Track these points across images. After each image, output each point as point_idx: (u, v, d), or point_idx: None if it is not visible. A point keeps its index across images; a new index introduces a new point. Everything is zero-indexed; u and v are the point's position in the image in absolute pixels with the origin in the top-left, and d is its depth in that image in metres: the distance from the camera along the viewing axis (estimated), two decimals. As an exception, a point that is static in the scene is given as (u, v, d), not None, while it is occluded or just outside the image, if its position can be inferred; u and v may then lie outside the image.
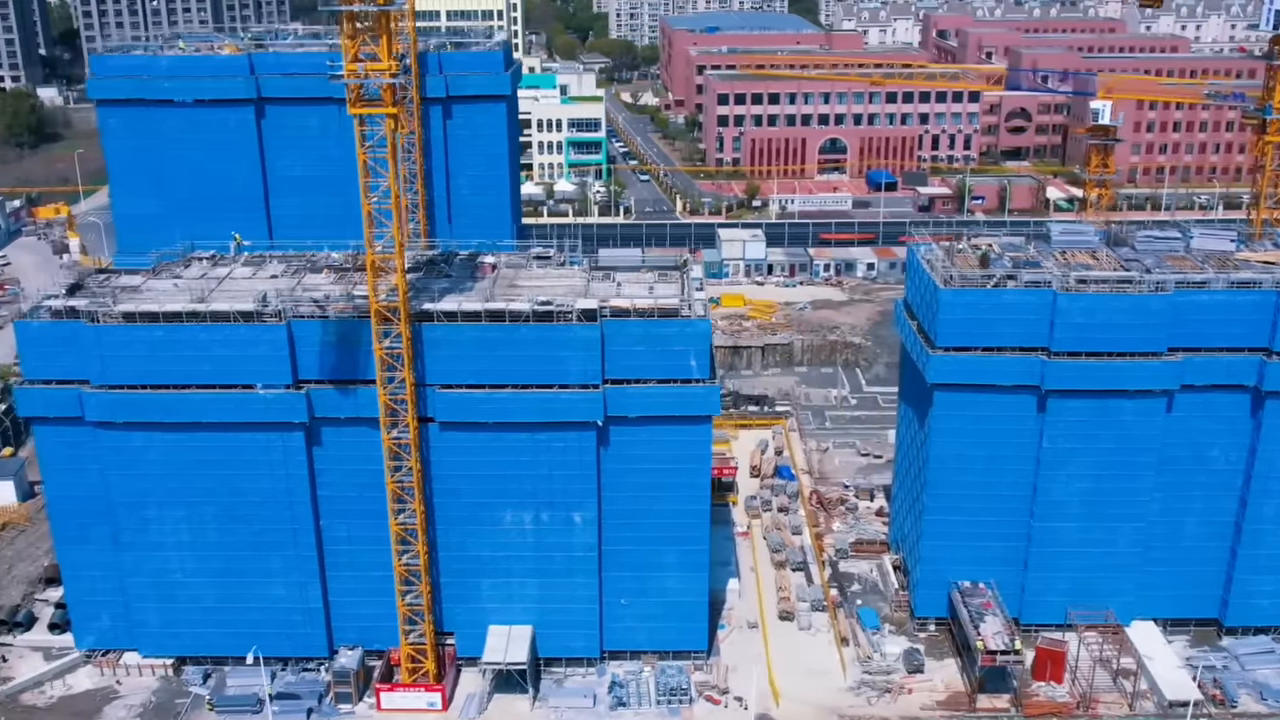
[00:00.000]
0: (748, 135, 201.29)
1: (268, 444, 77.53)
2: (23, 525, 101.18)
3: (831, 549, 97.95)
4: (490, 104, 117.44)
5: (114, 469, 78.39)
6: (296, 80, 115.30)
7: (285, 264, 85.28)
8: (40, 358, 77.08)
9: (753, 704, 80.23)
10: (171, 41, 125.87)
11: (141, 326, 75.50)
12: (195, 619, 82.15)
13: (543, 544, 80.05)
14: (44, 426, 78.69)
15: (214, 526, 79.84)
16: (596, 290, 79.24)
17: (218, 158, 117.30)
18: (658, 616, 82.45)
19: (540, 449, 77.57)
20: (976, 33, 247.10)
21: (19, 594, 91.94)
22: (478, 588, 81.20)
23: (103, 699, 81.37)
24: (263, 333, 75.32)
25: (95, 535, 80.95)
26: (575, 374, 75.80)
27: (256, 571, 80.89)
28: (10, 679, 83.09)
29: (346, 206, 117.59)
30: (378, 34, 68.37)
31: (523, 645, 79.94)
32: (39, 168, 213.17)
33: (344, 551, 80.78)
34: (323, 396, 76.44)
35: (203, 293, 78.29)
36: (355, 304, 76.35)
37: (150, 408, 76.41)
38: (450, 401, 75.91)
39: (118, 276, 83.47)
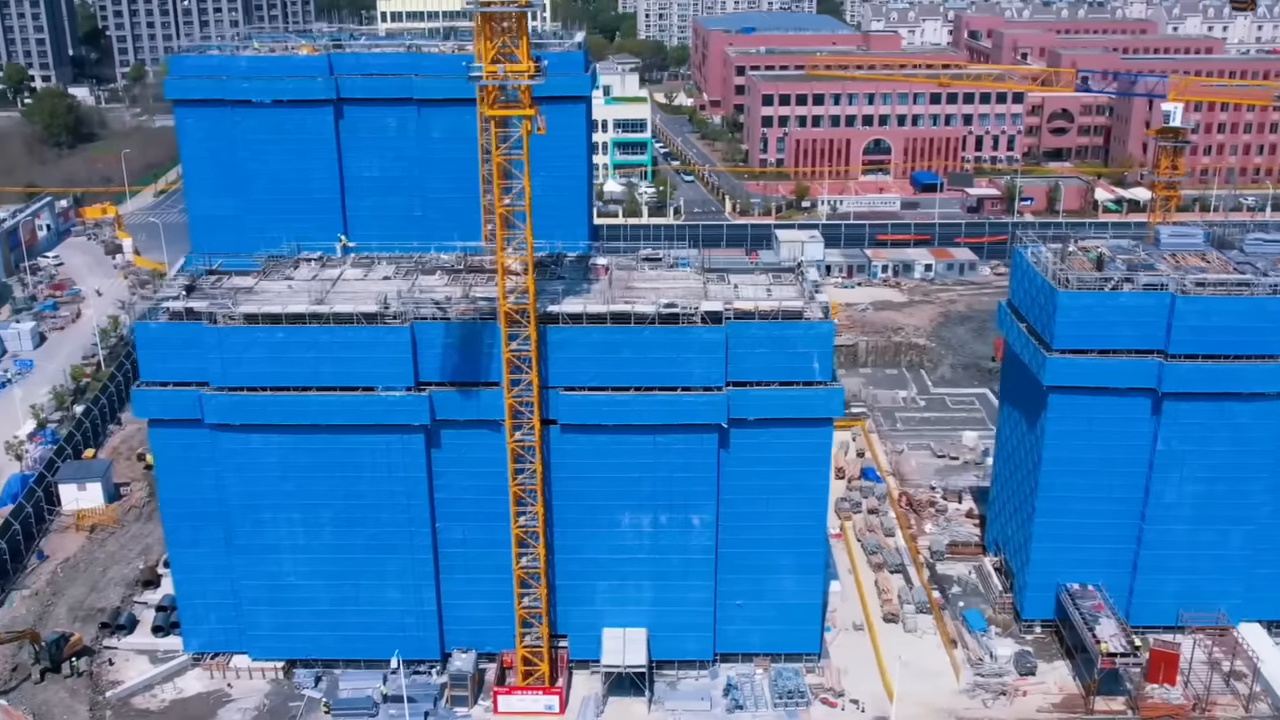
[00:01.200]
0: (792, 136, 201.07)
1: (387, 446, 77.17)
2: (112, 527, 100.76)
3: (926, 551, 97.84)
4: (569, 104, 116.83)
5: (230, 471, 78.05)
6: (375, 81, 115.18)
7: (395, 265, 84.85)
8: (159, 359, 76.67)
9: (869, 706, 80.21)
10: (245, 41, 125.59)
11: (262, 328, 75.16)
12: (307, 622, 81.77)
13: (660, 546, 79.74)
14: (160, 429, 78.35)
15: (329, 529, 79.52)
16: (714, 292, 78.95)
17: (295, 158, 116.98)
18: (771, 619, 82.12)
19: (661, 451, 77.24)
20: (1011, 34, 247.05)
21: (118, 596, 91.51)
22: (593, 590, 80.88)
23: (216, 702, 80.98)
24: (386, 334, 74.99)
25: (207, 538, 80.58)
26: (699, 376, 75.49)
27: (370, 574, 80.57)
28: (120, 682, 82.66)
29: (423, 207, 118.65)
30: (517, 35, 67.90)
31: (640, 648, 79.71)
32: (79, 167, 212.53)
33: (458, 554, 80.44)
34: (444, 399, 76.08)
35: (321, 294, 78.02)
36: (477, 306, 76.13)
37: (270, 410, 76.07)
38: (574, 404, 75.59)
39: (228, 277, 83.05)
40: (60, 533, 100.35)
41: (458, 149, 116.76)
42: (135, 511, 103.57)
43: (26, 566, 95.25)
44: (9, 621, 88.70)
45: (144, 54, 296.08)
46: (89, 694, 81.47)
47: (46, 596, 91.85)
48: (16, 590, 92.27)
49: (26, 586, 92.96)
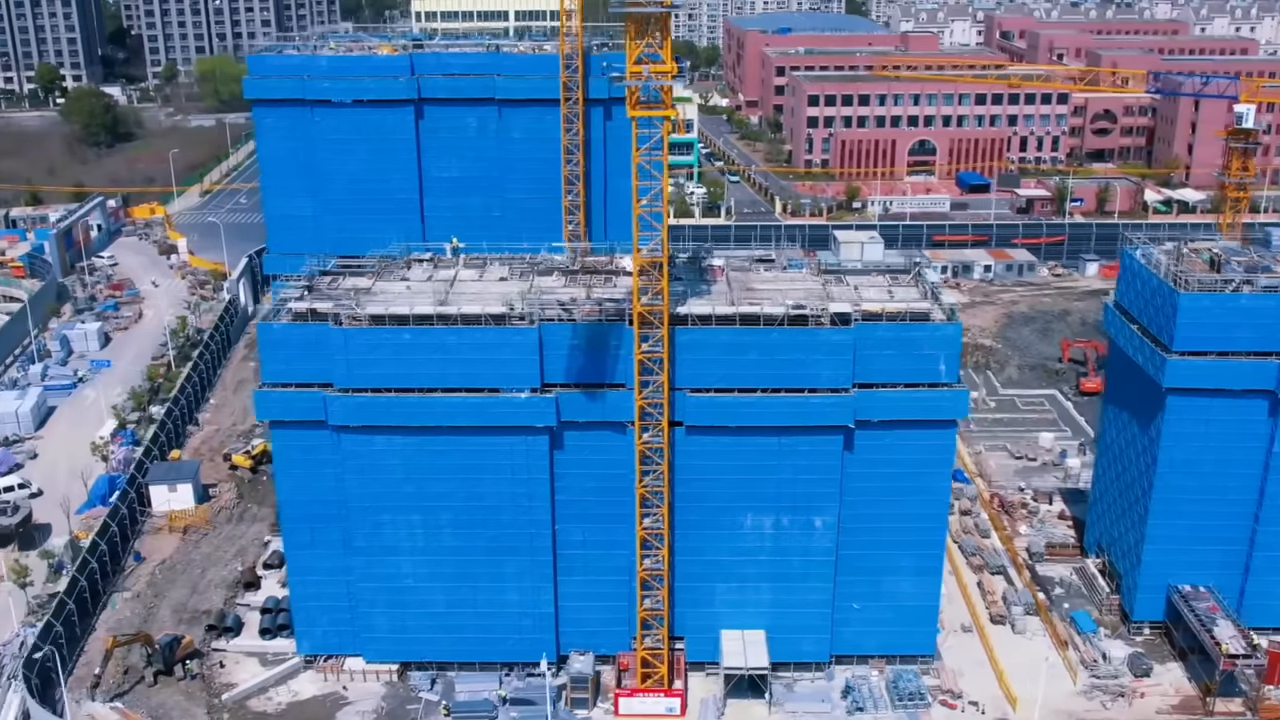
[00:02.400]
0: (837, 136, 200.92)
1: (511, 448, 76.86)
2: (205, 529, 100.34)
3: (1024, 552, 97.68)
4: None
5: (352, 473, 77.68)
6: (457, 81, 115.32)
7: (508, 266, 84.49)
8: (282, 361, 76.33)
9: (989, 708, 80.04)
10: (321, 41, 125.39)
11: (388, 329, 74.86)
12: (423, 624, 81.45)
13: (780, 548, 79.44)
14: (282, 430, 78.03)
15: (449, 531, 79.20)
16: (836, 294, 78.72)
17: (374, 158, 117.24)
18: (888, 620, 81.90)
19: (786, 453, 76.97)
20: (1047, 34, 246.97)
21: (219, 598, 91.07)
22: (711, 592, 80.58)
23: (333, 705, 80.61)
24: (513, 336, 74.71)
25: (325, 540, 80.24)
26: (826, 378, 75.21)
27: (489, 576, 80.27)
28: (233, 685, 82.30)
29: (501, 207, 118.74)
30: (661, 36, 67.57)
31: (762, 649, 79.48)
32: (120, 167, 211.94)
33: (577, 556, 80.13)
34: (569, 400, 75.78)
35: (443, 296, 77.72)
36: (603, 307, 75.86)
37: (395, 411, 75.76)
38: (701, 405, 75.29)
39: (343, 278, 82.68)
40: (153, 534, 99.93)
41: (538, 149, 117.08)
42: (226, 513, 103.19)
43: (124, 568, 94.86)
44: (114, 624, 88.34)
45: (174, 53, 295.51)
46: (204, 697, 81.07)
47: (148, 599, 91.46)
48: (118, 593, 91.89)
49: (127, 588, 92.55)
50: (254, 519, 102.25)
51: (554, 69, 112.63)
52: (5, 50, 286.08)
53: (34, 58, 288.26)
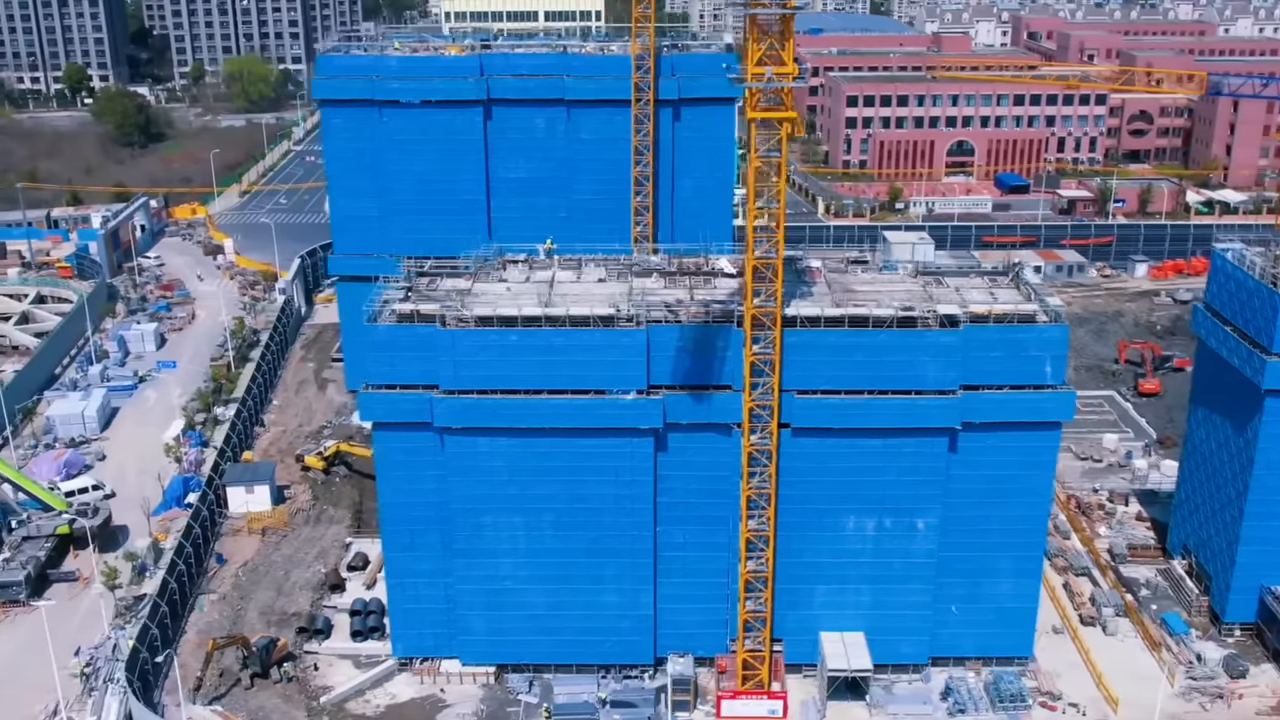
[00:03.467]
0: (876, 137, 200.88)
1: (615, 450, 76.69)
2: (284, 530, 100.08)
3: (1105, 554, 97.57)
4: (720, 106, 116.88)
5: (455, 475, 77.52)
6: (526, 81, 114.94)
7: (603, 267, 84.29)
8: (388, 362, 76.07)
9: (1090, 710, 79.94)
10: (385, 41, 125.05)
11: (495, 331, 74.74)
12: (521, 626, 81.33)
13: (881, 550, 79.36)
14: (384, 431, 77.81)
15: (550, 533, 79.05)
16: (937, 295, 78.59)
17: (442, 159, 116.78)
18: (986, 622, 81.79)
19: (891, 455, 76.88)
20: (1078, 35, 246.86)
21: (306, 600, 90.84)
22: (811, 594, 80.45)
23: (432, 707, 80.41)
24: (621, 338, 74.55)
25: (424, 542, 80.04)
26: (934, 380, 75.10)
27: (588, 578, 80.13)
28: (329, 688, 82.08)
29: (569, 208, 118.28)
30: (783, 37, 67.36)
31: (864, 651, 79.35)
32: (156, 167, 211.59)
33: (677, 558, 79.98)
34: (675, 402, 75.63)
35: (547, 297, 77.54)
36: (709, 309, 75.72)
37: (502, 413, 75.61)
38: (808, 407, 75.15)
39: (441, 279, 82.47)
40: (232, 536, 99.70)
41: (606, 150, 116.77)
42: (302, 514, 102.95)
43: (207, 570, 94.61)
44: (203, 627, 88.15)
45: (201, 53, 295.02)
46: (303, 699, 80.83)
47: (234, 601, 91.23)
48: (203, 595, 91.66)
49: (213, 590, 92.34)
50: (331, 520, 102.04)
51: (624, 69, 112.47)
52: (32, 50, 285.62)
53: (60, 58, 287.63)
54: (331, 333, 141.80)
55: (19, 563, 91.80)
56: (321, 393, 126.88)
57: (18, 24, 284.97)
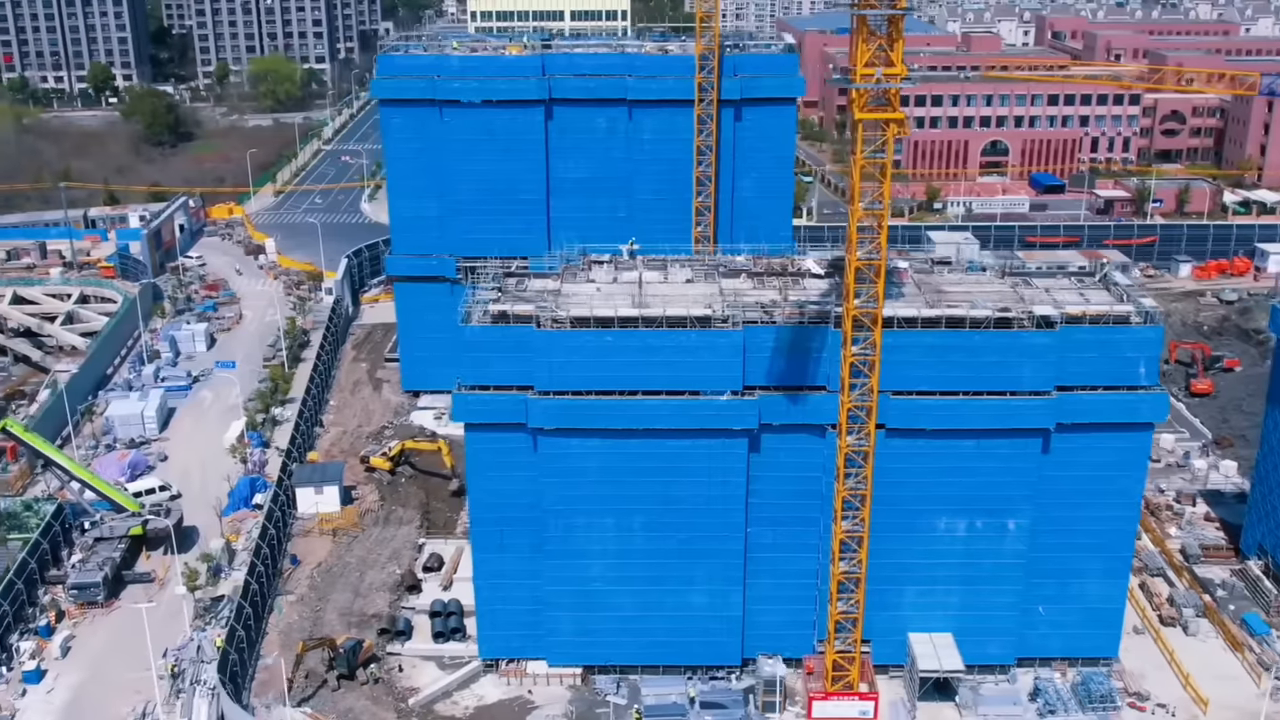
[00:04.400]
0: (910, 137, 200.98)
1: (710, 450, 76.56)
2: (355, 531, 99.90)
3: (1179, 554, 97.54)
4: (781, 106, 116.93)
5: (548, 476, 77.39)
6: (588, 81, 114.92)
7: (689, 268, 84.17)
8: (482, 363, 76.07)
9: (1179, 711, 79.90)
10: (442, 41, 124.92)
11: (592, 331, 74.60)
12: (609, 627, 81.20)
13: (972, 550, 79.22)
14: (477, 432, 77.69)
15: (641, 534, 78.89)
16: (1028, 296, 78.54)
17: (503, 159, 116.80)
18: (1074, 622, 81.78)
19: (983, 455, 76.72)
20: (1105, 35, 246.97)
21: (383, 602, 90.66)
22: (900, 595, 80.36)
23: (521, 709, 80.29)
24: (718, 338, 74.41)
25: (514, 544, 79.93)
26: (1029, 381, 74.98)
27: (678, 579, 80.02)
28: (414, 689, 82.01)
29: (628, 208, 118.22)
30: (893, 38, 67.20)
31: (954, 652, 79.34)
32: (187, 166, 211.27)
33: (766, 559, 79.85)
34: (771, 403, 75.56)
35: (640, 298, 77.40)
36: (803, 309, 75.66)
37: (597, 414, 75.49)
38: (904, 408, 75.03)
39: (529, 279, 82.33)
40: (303, 537, 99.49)
41: (668, 150, 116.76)
42: (371, 515, 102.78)
43: (282, 571, 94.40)
44: (284, 628, 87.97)
45: (225, 53, 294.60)
46: (391, 701, 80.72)
47: (312, 602, 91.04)
48: (280, 596, 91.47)
49: (290, 592, 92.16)
50: (400, 521, 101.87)
51: (686, 69, 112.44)
52: (56, 50, 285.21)
53: (84, 57, 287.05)
54: (382, 333, 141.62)
55: (95, 564, 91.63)
56: (377, 393, 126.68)
57: (41, 23, 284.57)
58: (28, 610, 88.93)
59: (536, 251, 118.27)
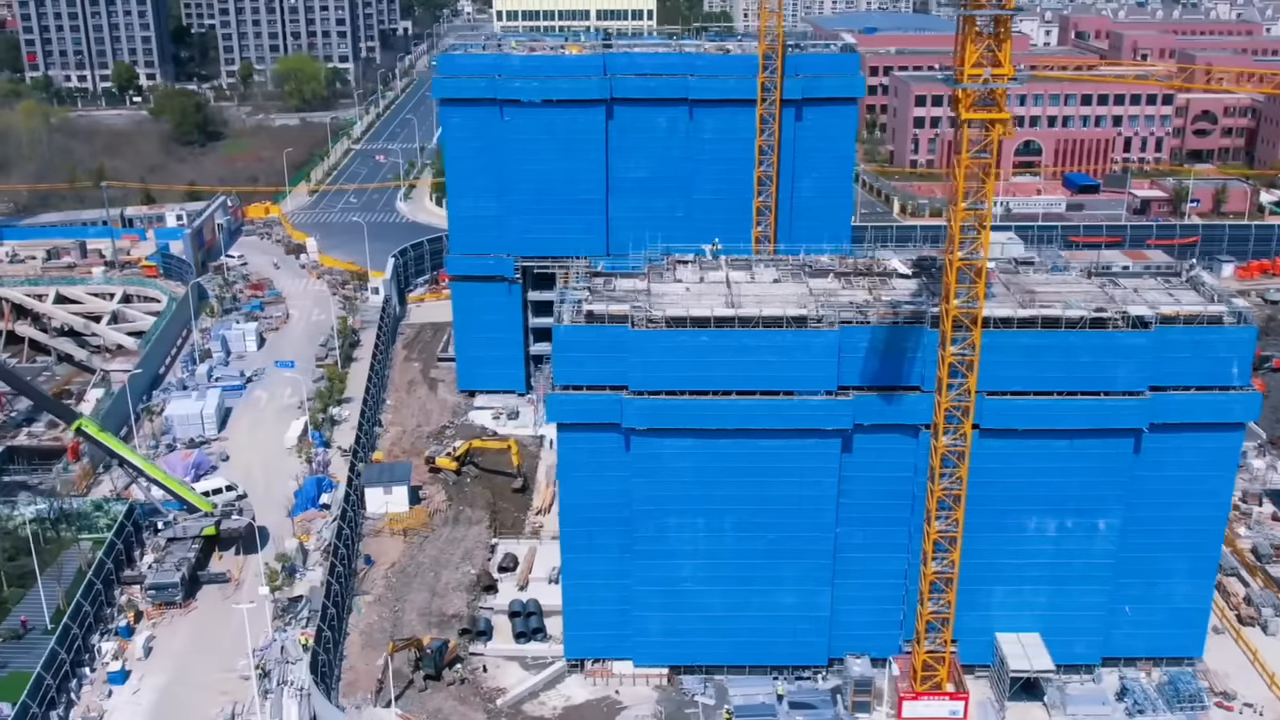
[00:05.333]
0: (944, 137, 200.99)
1: (802, 451, 76.56)
2: (425, 531, 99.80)
3: (1249, 554, 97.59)
4: (842, 106, 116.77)
5: (640, 476, 77.37)
6: (649, 81, 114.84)
7: (774, 268, 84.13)
8: (575, 363, 75.98)
9: (1267, 710, 79.96)
10: (497, 40, 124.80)
11: (687, 331, 74.55)
12: (697, 627, 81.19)
13: (1061, 550, 79.31)
14: (568, 433, 77.62)
15: (731, 534, 78.90)
16: (1119, 297, 78.56)
17: (563, 158, 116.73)
18: (1159, 622, 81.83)
19: (1076, 455, 76.79)
20: (1131, 35, 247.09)
21: (461, 602, 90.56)
22: (989, 595, 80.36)
23: (610, 709, 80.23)
24: (814, 338, 74.38)
25: (602, 544, 79.92)
26: (1123, 381, 75.07)
27: (767, 579, 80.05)
28: (500, 689, 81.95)
29: (687, 208, 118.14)
30: (1001, 38, 67.16)
31: (1043, 652, 79.38)
32: (218, 165, 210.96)
33: (855, 559, 79.84)
34: (865, 403, 75.56)
35: (733, 298, 77.34)
36: (897, 310, 75.66)
37: (691, 414, 75.45)
38: (998, 408, 75.02)
39: (614, 279, 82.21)
40: (374, 537, 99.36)
41: (728, 149, 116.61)
42: (439, 515, 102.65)
43: (357, 572, 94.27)
44: (364, 628, 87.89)
45: (248, 52, 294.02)
46: (479, 701, 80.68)
47: (390, 602, 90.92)
48: (358, 596, 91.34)
49: (367, 591, 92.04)
50: (469, 521, 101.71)
51: (748, 69, 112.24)
52: (80, 49, 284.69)
53: (108, 56, 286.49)
54: (430, 332, 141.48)
55: (172, 564, 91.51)
56: (433, 393, 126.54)
57: (65, 22, 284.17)
58: (106, 610, 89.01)
59: (595, 251, 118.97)
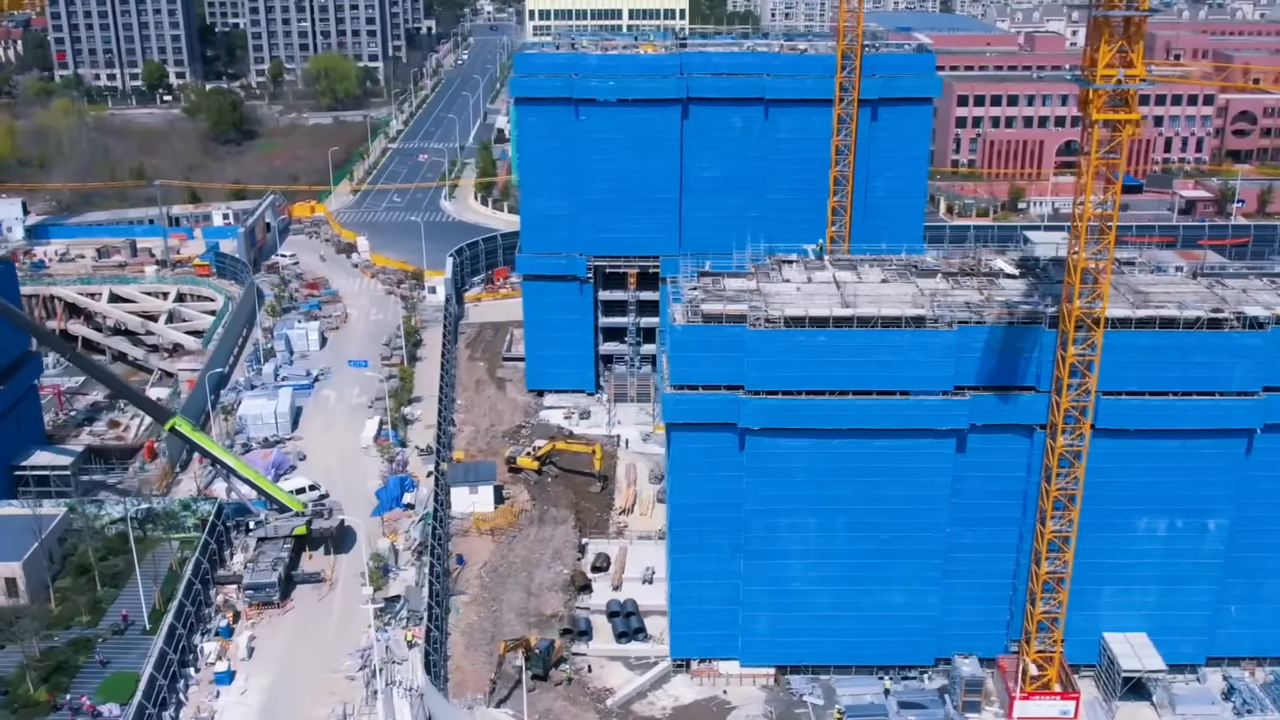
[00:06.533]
0: (986, 137, 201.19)
1: (917, 450, 76.67)
2: (512, 531, 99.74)
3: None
4: (918, 106, 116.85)
5: (754, 476, 77.46)
6: (725, 80, 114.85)
7: (879, 268, 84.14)
8: (691, 363, 76.03)
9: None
10: (570, 40, 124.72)
11: (805, 331, 74.59)
12: (805, 627, 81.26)
13: (1170, 550, 79.48)
14: (681, 433, 77.65)
15: (843, 534, 78.99)
16: (1228, 297, 78.66)
17: (637, 157, 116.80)
18: (1264, 622, 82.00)
19: (1189, 455, 76.93)
20: (1164, 35, 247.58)
21: (558, 602, 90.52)
22: (1098, 594, 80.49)
23: (719, 709, 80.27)
24: (932, 338, 74.45)
25: (711, 544, 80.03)
26: (1238, 381, 75.20)
27: (877, 579, 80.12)
28: (611, 689, 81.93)
29: (760, 208, 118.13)
30: (1135, 39, 67.15)
31: (1153, 652, 79.52)
32: (257, 164, 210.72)
33: (964, 558, 79.92)
34: (982, 403, 75.63)
35: (843, 297, 77.38)
36: (1012, 309, 75.72)
37: (808, 414, 75.51)
38: (1113, 408, 75.10)
39: (721, 278, 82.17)
40: (462, 537, 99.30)
41: (804, 149, 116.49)
42: (525, 515, 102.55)
43: (450, 571, 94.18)
44: (464, 628, 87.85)
45: (278, 51, 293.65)
46: (588, 701, 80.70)
47: (487, 602, 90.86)
48: (454, 596, 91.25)
49: (463, 591, 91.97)
50: (555, 521, 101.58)
51: (825, 69, 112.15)
52: (109, 47, 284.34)
53: (137, 55, 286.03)
54: (491, 332, 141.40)
55: (268, 564, 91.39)
56: (501, 392, 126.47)
57: (95, 21, 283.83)
58: (204, 610, 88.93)
59: (667, 251, 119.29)
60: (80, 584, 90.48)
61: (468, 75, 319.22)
